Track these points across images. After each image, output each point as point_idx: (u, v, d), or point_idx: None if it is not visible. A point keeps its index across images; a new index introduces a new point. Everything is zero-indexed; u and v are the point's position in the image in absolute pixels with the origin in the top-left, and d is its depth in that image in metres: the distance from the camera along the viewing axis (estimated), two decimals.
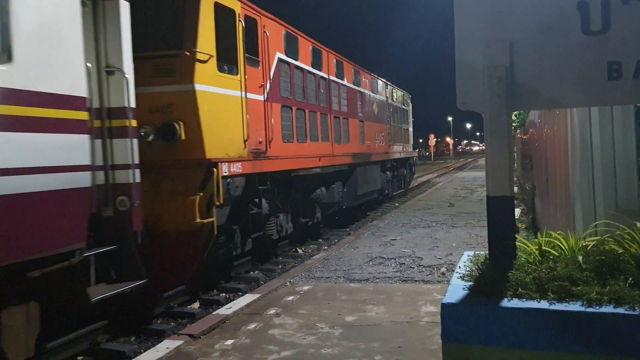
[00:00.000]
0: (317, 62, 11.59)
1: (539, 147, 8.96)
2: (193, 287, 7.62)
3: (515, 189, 15.24)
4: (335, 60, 12.90)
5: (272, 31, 9.30)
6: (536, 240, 3.38)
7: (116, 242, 5.32)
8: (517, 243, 3.29)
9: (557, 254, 3.20)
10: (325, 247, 10.98)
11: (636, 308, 2.52)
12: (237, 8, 8.00)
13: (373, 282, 7.16)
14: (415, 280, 7.15)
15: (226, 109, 7.54)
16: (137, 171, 5.54)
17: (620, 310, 2.53)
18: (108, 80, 5.44)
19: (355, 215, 15.47)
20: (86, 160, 4.88)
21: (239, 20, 8.00)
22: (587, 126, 4.51)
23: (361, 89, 15.09)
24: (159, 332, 6.39)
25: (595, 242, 3.24)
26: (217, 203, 6.95)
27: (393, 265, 8.11)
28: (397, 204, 18.90)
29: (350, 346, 4.88)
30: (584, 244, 3.23)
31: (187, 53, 6.85)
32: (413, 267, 7.89)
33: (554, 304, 2.67)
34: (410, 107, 23.40)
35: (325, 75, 12.09)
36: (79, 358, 5.79)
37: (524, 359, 2.65)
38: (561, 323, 2.57)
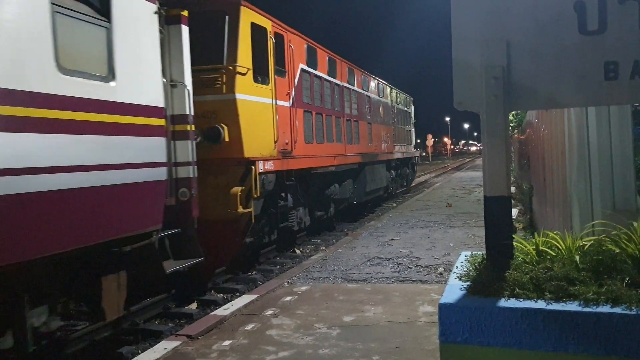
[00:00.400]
0: (332, 71, 12.81)
1: (537, 147, 8.97)
2: (233, 268, 8.85)
3: (513, 189, 15.27)
4: (347, 68, 14.12)
5: (296, 45, 10.53)
6: (533, 240, 3.39)
7: (178, 226, 6.33)
8: (514, 243, 3.29)
9: (554, 254, 3.20)
10: (323, 248, 10.99)
11: (633, 308, 2.52)
12: (269, 26, 9.21)
13: (371, 283, 7.16)
14: (413, 281, 7.16)
15: (260, 114, 8.71)
16: (195, 167, 6.58)
17: (617, 310, 2.53)
18: (172, 92, 6.44)
19: (362, 212, 16.37)
20: (164, 158, 5.90)
21: (270, 37, 9.21)
22: (584, 126, 4.52)
23: (369, 94, 16.30)
24: (157, 332, 6.39)
25: (592, 242, 3.24)
26: (255, 196, 8.10)
27: (391, 265, 8.12)
28: (394, 204, 18.91)
29: (348, 346, 4.88)
30: (581, 244, 3.23)
31: (230, 67, 8.00)
32: (411, 267, 7.89)
33: (551, 303, 2.67)
34: (412, 109, 24.63)
35: (339, 82, 13.29)
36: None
37: (522, 359, 2.65)
38: (558, 323, 2.58)
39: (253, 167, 8.07)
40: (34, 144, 4.24)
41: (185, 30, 6.56)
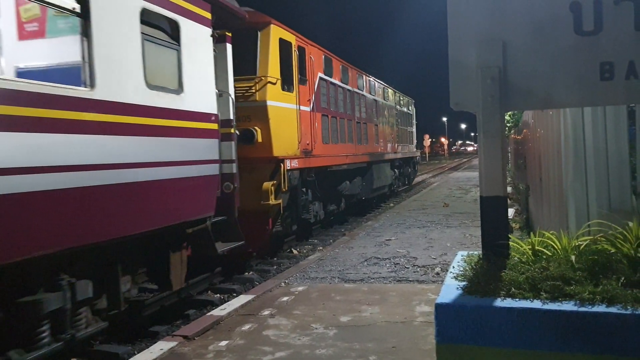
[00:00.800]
0: (344, 77, 14.14)
1: (533, 148, 8.99)
2: (264, 253, 10.03)
3: (509, 189, 15.29)
4: (356, 74, 15.39)
5: (315, 56, 11.83)
6: (529, 240, 3.39)
7: (223, 214, 7.38)
8: (510, 243, 3.30)
9: (550, 254, 3.21)
10: (320, 248, 10.99)
11: (628, 307, 2.53)
12: (293, 40, 10.48)
13: (368, 283, 7.16)
14: (410, 281, 7.16)
15: (287, 118, 9.91)
16: (237, 164, 7.67)
17: (613, 309, 2.54)
18: (218, 101, 7.36)
19: (367, 208, 17.48)
20: (217, 156, 7.10)
21: (294, 50, 10.47)
22: (580, 126, 4.53)
23: (375, 97, 17.63)
24: (153, 333, 6.38)
25: (588, 241, 3.25)
26: (283, 190, 9.45)
27: (388, 265, 8.12)
28: (392, 205, 18.93)
29: (345, 346, 4.88)
30: (577, 244, 3.24)
31: (262, 77, 9.26)
32: (408, 267, 7.90)
33: (547, 303, 2.68)
34: (414, 110, 26.10)
35: (350, 88, 14.58)
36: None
37: (518, 358, 2.66)
38: (554, 323, 2.58)
39: (282, 165, 9.44)
40: (136, 144, 5.49)
41: (229, 48, 7.77)
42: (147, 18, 5.78)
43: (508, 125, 15.09)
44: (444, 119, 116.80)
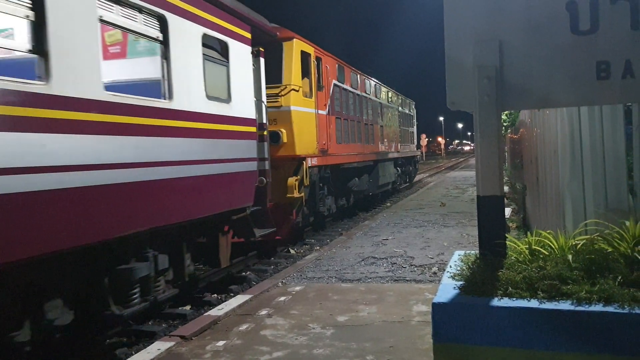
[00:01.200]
0: (354, 83, 15.50)
1: (530, 147, 9.00)
2: (288, 240, 11.17)
3: (506, 188, 15.30)
4: (364, 79, 16.76)
5: (330, 65, 13.25)
6: (526, 239, 3.40)
7: (258, 205, 8.55)
8: (507, 242, 3.30)
9: (547, 253, 3.21)
10: (318, 248, 10.98)
11: (625, 306, 2.53)
12: (312, 52, 11.87)
13: (365, 282, 7.16)
14: (407, 280, 7.16)
15: (307, 121, 11.26)
16: (269, 162, 9.03)
17: (610, 308, 2.54)
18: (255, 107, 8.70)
19: (373, 203, 18.63)
20: (255, 155, 8.43)
21: (313, 60, 11.85)
22: (576, 126, 4.53)
23: (380, 100, 18.98)
24: (151, 333, 6.36)
25: (584, 241, 3.25)
26: (306, 184, 10.83)
27: (385, 265, 8.12)
28: (388, 204, 18.93)
29: (342, 346, 4.88)
30: (574, 243, 3.24)
31: (286, 85, 10.57)
32: (405, 267, 7.90)
33: (544, 302, 2.68)
34: (414, 112, 27.52)
35: (359, 92, 15.95)
36: None
37: (515, 357, 2.66)
38: (551, 322, 2.58)
39: (304, 162, 10.78)
40: (200, 145, 6.80)
41: (262, 62, 9.07)
42: (205, 41, 7.07)
43: (505, 124, 15.11)
44: (441, 118, 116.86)
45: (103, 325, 6.04)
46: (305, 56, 11.43)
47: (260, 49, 8.99)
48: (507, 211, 12.52)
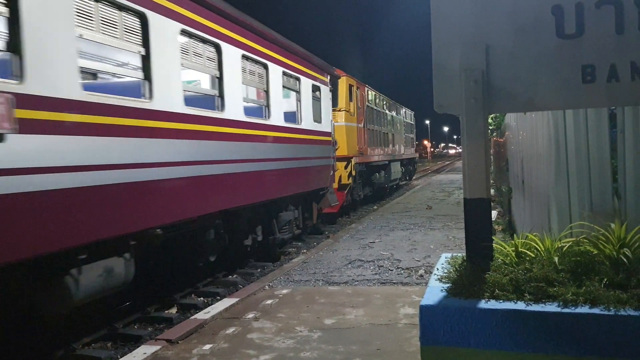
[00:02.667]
0: (376, 102, 21.27)
1: (515, 150, 9.07)
2: (341, 214, 16.22)
3: (492, 191, 15.38)
4: (382, 98, 22.58)
5: (364, 91, 18.83)
6: (513, 241, 3.41)
7: (327, 187, 13.03)
8: (494, 245, 3.31)
9: (533, 255, 3.23)
10: (304, 251, 10.96)
11: (611, 308, 2.55)
12: (354, 84, 17.25)
13: (352, 285, 7.16)
14: (394, 283, 7.17)
15: (352, 132, 16.66)
16: (335, 159, 13.54)
17: (596, 310, 2.56)
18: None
19: (382, 196, 22.84)
20: (330, 154, 13.05)
21: (354, 89, 17.22)
22: (561, 129, 4.56)
23: (392, 113, 24.75)
24: (136, 337, 6.30)
25: (570, 243, 3.28)
26: (353, 174, 16.25)
27: (372, 267, 8.13)
28: (375, 207, 18.97)
29: (329, 349, 4.86)
30: (560, 245, 3.26)
31: (339, 108, 15.86)
32: (392, 270, 7.91)
33: (531, 304, 2.69)
34: (414, 121, 33.45)
35: (379, 109, 21.72)
36: None
37: None
38: (538, 324, 2.60)
39: (351, 160, 16.09)
40: (309, 148, 11.30)
41: (331, 94, 13.66)
42: (313, 88, 11.87)
43: (490, 127, 15.20)
44: (427, 121, 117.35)
45: (274, 242, 10.42)
46: (350, 87, 16.70)
47: (330, 87, 13.73)
48: (493, 214, 12.59)
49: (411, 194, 21.88)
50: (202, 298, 7.97)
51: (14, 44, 4.34)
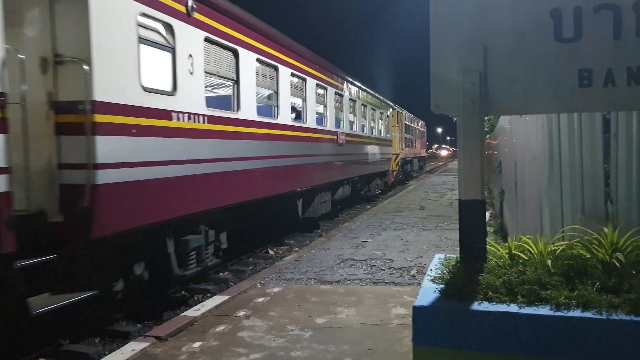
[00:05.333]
0: (407, 119, 32.95)
1: (509, 152, 9.09)
2: (389, 189, 26.80)
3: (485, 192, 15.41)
4: (411, 116, 35.32)
5: (404, 114, 30.79)
6: (506, 244, 3.41)
7: (388, 170, 25.46)
8: (487, 247, 3.31)
9: (526, 258, 3.23)
10: (297, 249, 10.95)
11: (603, 312, 2.56)
12: (398, 110, 28.61)
13: (344, 284, 7.16)
14: (386, 282, 7.18)
15: (398, 139, 27.81)
16: (391, 155, 26.04)
17: (588, 314, 2.56)
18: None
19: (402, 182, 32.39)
20: (389, 152, 25.67)
21: (399, 114, 28.66)
22: (555, 133, 4.58)
23: (414, 126, 37.15)
24: (125, 333, 6.27)
25: (563, 246, 3.28)
26: (399, 162, 28.89)
27: (364, 267, 8.13)
28: (368, 207, 18.99)
29: (321, 349, 4.86)
30: (553, 249, 3.26)
31: (393, 126, 26.45)
32: (384, 269, 7.92)
33: (524, 307, 2.69)
34: (426, 129, 47.48)
35: (408, 123, 32.96)
36: None
37: None
38: (530, 327, 2.60)
39: (397, 155, 27.64)
40: (377, 148, 21.50)
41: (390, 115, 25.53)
42: (385, 115, 23.86)
43: (484, 130, 15.24)
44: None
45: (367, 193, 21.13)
46: (395, 113, 27.05)
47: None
48: (486, 215, 12.61)
49: (404, 194, 21.92)
50: (192, 295, 7.93)
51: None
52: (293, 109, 11.55)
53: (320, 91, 13.16)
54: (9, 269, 4.76)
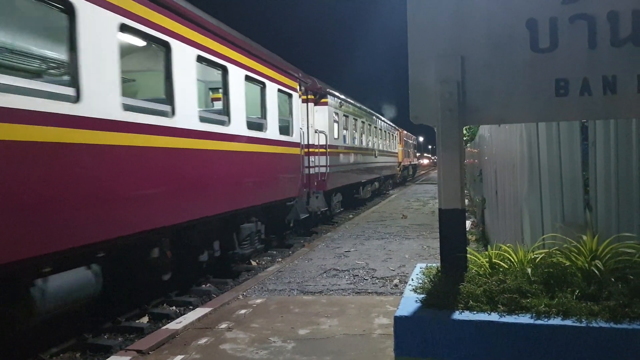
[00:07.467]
0: (407, 136, 45.83)
1: (489, 161, 9.17)
2: (397, 184, 39.03)
3: (466, 201, 15.52)
4: (408, 134, 47.00)
5: (404, 134, 43.16)
6: (487, 252, 3.43)
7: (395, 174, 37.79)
8: (468, 255, 3.32)
9: (507, 267, 3.25)
10: (279, 259, 10.90)
11: (583, 320, 2.57)
12: (401, 131, 41.09)
13: (327, 294, 7.13)
14: (369, 292, 7.16)
15: (401, 152, 40.04)
16: (398, 162, 39.51)
17: (568, 322, 2.58)
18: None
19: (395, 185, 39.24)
20: (397, 161, 39.03)
21: (401, 134, 40.79)
22: (534, 141, 4.62)
23: (409, 140, 47.96)
24: (106, 347, 6.16)
25: (543, 254, 3.30)
26: (401, 168, 40.55)
27: (347, 277, 8.11)
28: (351, 216, 19.00)
29: None
30: (533, 257, 3.29)
31: (398, 144, 38.16)
32: (366, 279, 7.90)
33: (504, 316, 2.70)
34: (417, 141, 56.66)
35: (406, 139, 44.60)
36: None
37: None
38: (511, 335, 2.60)
39: (401, 163, 39.38)
40: (386, 160, 31.98)
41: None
42: (392, 135, 35.21)
43: (464, 138, 15.37)
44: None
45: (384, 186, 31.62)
46: (399, 133, 38.21)
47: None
48: (467, 224, 12.69)
49: (387, 203, 21.98)
50: (174, 307, 7.85)
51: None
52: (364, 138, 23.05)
53: (367, 126, 24.00)
54: None
